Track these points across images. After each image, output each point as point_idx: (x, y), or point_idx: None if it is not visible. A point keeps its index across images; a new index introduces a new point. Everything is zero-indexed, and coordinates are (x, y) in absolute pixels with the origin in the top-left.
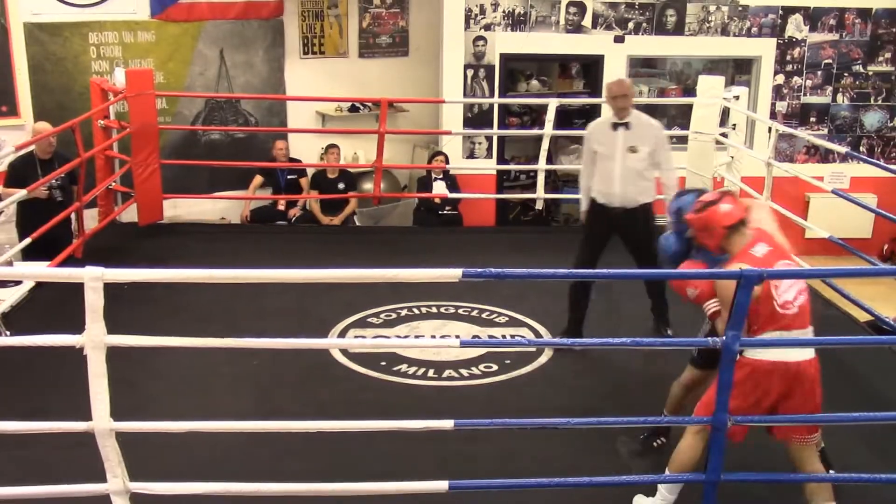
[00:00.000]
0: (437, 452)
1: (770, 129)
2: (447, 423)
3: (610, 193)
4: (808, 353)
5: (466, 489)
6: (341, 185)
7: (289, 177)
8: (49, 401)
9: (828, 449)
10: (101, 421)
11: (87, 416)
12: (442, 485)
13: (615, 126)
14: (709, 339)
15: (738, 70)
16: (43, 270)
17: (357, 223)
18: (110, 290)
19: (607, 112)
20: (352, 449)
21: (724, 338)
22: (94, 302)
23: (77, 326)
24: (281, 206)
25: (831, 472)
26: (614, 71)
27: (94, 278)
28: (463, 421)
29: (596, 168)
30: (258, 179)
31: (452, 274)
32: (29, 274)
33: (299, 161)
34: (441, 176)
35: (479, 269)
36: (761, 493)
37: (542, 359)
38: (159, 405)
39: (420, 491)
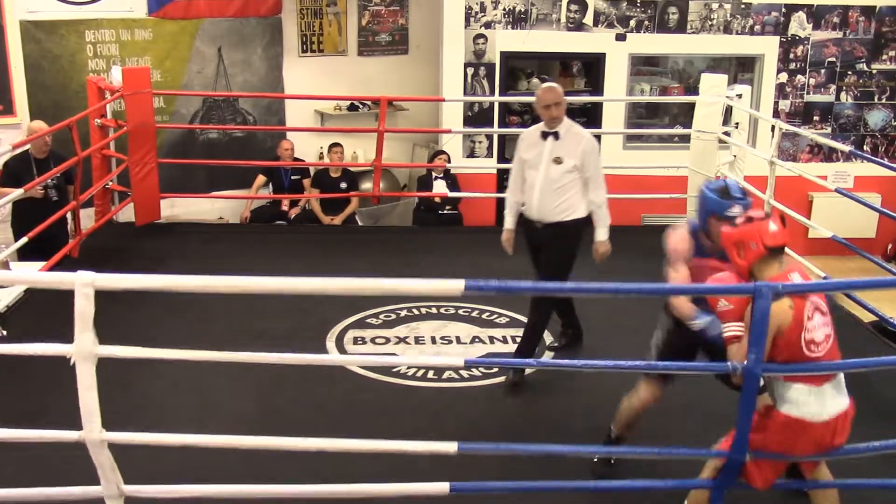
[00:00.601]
0: (438, 456)
1: (773, 127)
2: (451, 447)
3: (530, 205)
4: (844, 402)
5: (468, 492)
6: (343, 185)
7: (293, 177)
8: (45, 403)
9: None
10: (93, 433)
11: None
12: (443, 487)
13: (544, 135)
14: (729, 363)
15: (741, 68)
16: (33, 276)
17: (359, 223)
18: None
19: (539, 123)
20: (351, 452)
21: (744, 363)
22: (84, 309)
23: (71, 331)
24: (284, 206)
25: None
26: (616, 69)
27: (84, 284)
28: (467, 445)
29: (525, 177)
30: (261, 179)
31: (454, 287)
32: (20, 279)
33: (303, 161)
34: (441, 175)
35: (482, 283)
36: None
37: (543, 359)
38: (155, 404)
39: (421, 493)
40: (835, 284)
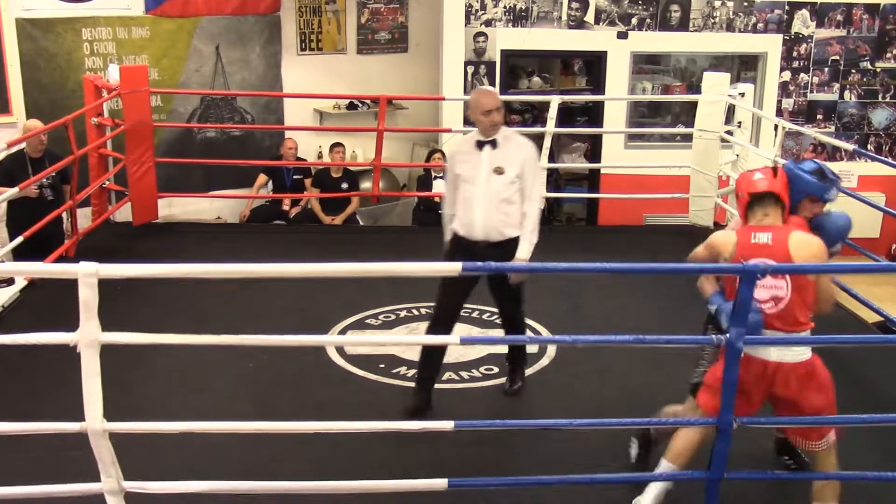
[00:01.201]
0: (437, 454)
1: (776, 126)
2: (447, 424)
3: (471, 223)
4: (795, 355)
5: (466, 487)
6: (345, 185)
7: (294, 176)
8: (42, 400)
9: (838, 450)
10: (95, 422)
11: (80, 417)
12: (441, 483)
13: (480, 144)
14: (713, 336)
15: (744, 67)
16: (37, 266)
17: (360, 223)
18: (104, 289)
19: (475, 131)
20: (349, 449)
21: (728, 336)
22: (89, 298)
23: (70, 326)
24: (285, 206)
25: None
26: (617, 68)
27: (88, 274)
28: (463, 422)
29: (458, 195)
30: (262, 178)
31: (453, 268)
32: (23, 270)
33: (305, 160)
34: (442, 175)
35: (479, 263)
36: (763, 495)
37: (544, 361)
38: (154, 405)
39: (419, 489)
40: (811, 267)
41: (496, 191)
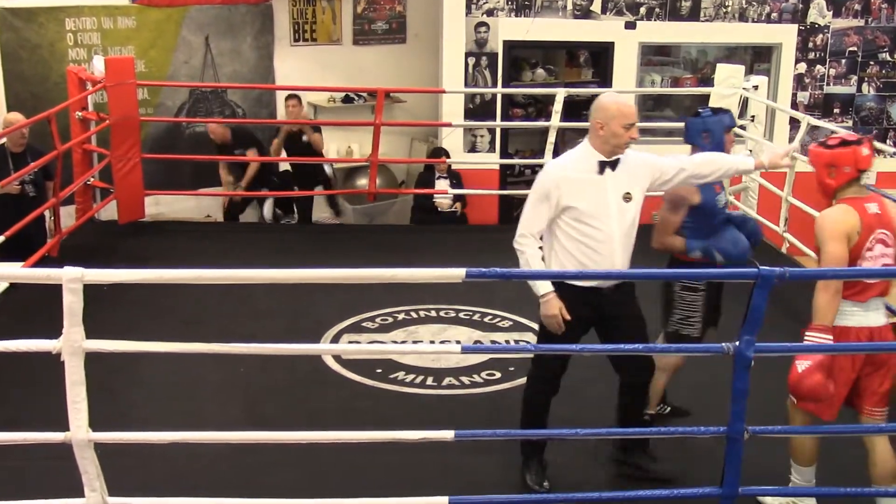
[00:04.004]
0: (437, 464)
1: (791, 119)
2: (447, 434)
3: (607, 269)
4: (879, 319)
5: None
6: (305, 138)
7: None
8: (24, 410)
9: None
10: (80, 431)
11: (64, 426)
12: (441, 501)
13: (602, 166)
14: (723, 344)
15: (758, 58)
16: (19, 271)
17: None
18: (89, 291)
19: (587, 148)
20: (345, 460)
21: (736, 344)
22: (73, 304)
23: (54, 330)
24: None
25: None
26: (625, 59)
27: (72, 279)
28: (463, 431)
29: (574, 235)
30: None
31: (455, 274)
32: (4, 275)
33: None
34: (445, 175)
35: (483, 269)
36: None
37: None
38: (141, 414)
39: None
40: (845, 272)
41: (629, 224)
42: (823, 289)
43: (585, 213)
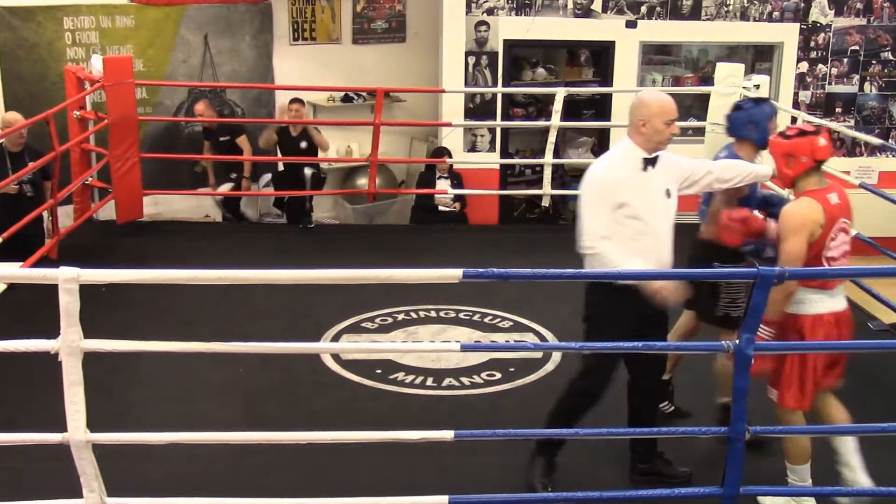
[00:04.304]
0: (437, 465)
1: (794, 119)
2: (447, 434)
3: (660, 266)
4: (842, 304)
5: None
6: (304, 144)
7: (221, 138)
8: (22, 410)
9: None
10: (77, 432)
11: (62, 427)
12: (441, 501)
13: (646, 163)
14: (723, 343)
15: (759, 57)
16: (14, 271)
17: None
18: (87, 291)
19: (630, 146)
20: (344, 461)
21: (736, 342)
22: (70, 304)
23: (51, 331)
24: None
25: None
26: (626, 58)
27: (69, 279)
28: (463, 432)
29: (626, 233)
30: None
31: (453, 274)
32: (1, 275)
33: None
34: (446, 175)
35: (481, 270)
36: None
37: (549, 366)
38: (139, 414)
39: None
40: (839, 272)
41: (672, 219)
42: (782, 288)
43: (637, 210)
